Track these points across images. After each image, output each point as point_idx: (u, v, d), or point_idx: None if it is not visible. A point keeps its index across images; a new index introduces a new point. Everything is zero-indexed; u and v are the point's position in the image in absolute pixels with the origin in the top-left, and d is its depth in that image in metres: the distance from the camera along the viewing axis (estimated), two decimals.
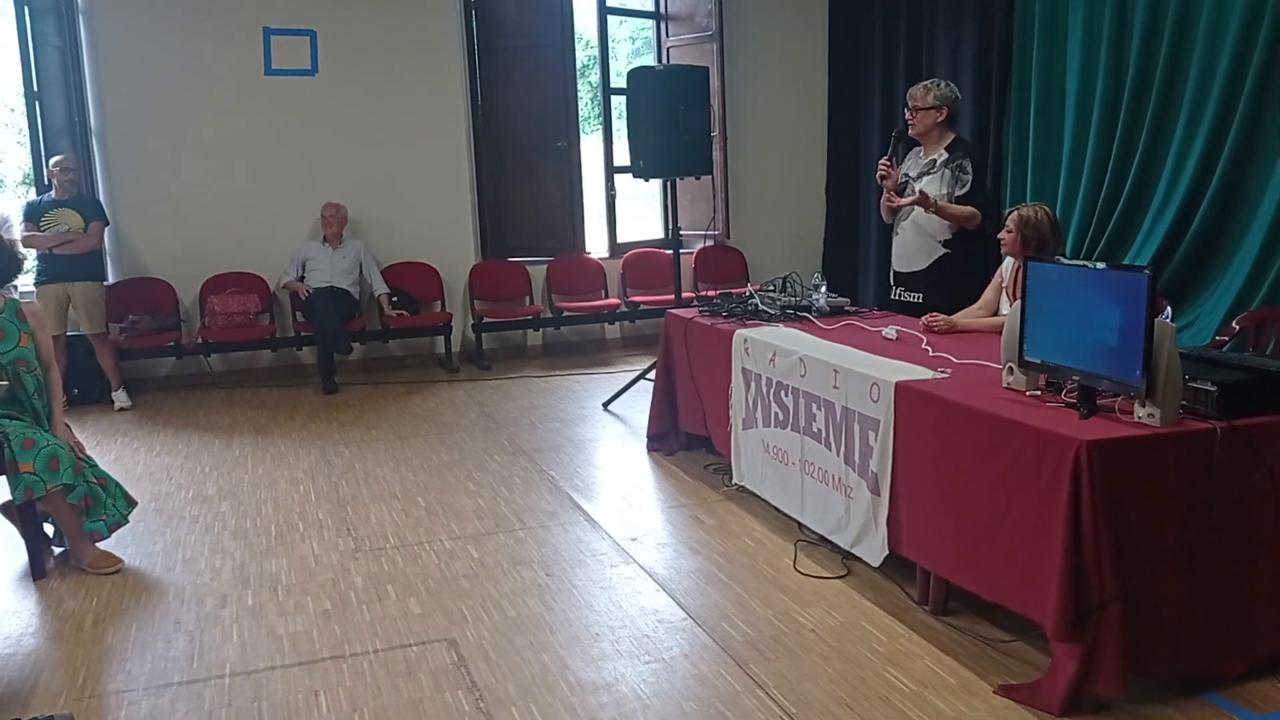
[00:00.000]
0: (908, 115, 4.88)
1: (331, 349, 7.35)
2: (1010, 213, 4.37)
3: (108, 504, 4.22)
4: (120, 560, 4.19)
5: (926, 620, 3.42)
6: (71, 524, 4.15)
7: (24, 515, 4.11)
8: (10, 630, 3.63)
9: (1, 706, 3.09)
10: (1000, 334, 4.21)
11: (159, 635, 3.55)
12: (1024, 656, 3.14)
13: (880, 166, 4.93)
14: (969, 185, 4.72)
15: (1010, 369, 3.32)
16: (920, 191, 4.74)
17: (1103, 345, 2.93)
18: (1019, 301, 3.33)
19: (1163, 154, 5.83)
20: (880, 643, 3.29)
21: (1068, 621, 2.75)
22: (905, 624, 3.40)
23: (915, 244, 4.89)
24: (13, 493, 4.00)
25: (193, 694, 3.14)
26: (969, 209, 4.70)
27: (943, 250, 4.82)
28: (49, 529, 4.34)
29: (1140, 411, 2.87)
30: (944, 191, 4.74)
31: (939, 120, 4.82)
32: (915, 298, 4.94)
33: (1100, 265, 3.02)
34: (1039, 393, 3.25)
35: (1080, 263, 3.27)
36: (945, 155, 4.81)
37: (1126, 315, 2.84)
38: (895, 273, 5.05)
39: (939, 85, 4.85)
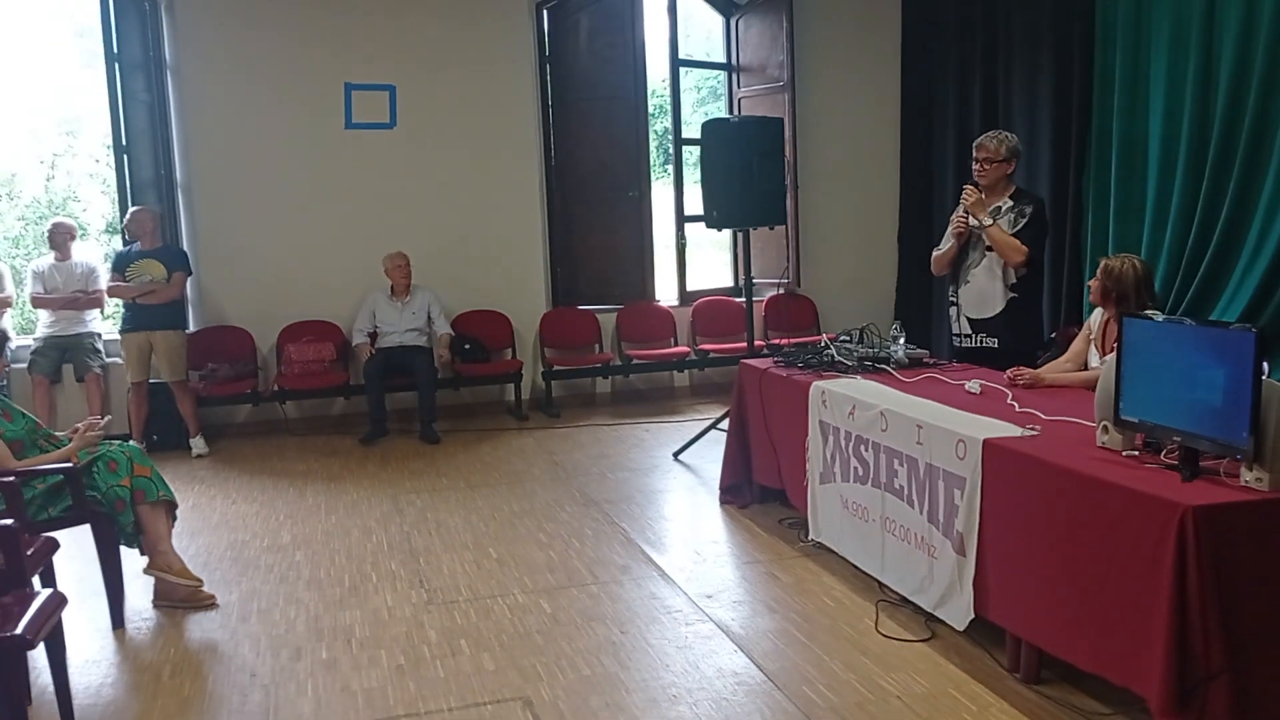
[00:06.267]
0: (976, 167, 4.94)
1: (379, 417, 7.41)
2: (1101, 261, 4.27)
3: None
4: (213, 596, 4.35)
5: (1018, 689, 3.28)
6: (166, 536, 4.29)
7: (106, 561, 4.16)
8: (90, 681, 3.65)
9: None
10: (1088, 389, 4.13)
11: (234, 689, 3.55)
12: None
13: (957, 222, 4.98)
14: (1022, 225, 4.80)
15: (1105, 428, 3.21)
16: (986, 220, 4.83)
17: (1206, 405, 2.81)
18: (1112, 357, 3.22)
19: (1253, 202, 5.62)
20: (970, 712, 3.16)
21: (1174, 697, 2.61)
22: (995, 692, 3.27)
23: (988, 290, 4.93)
24: (105, 495, 4.09)
25: None
26: (1015, 241, 4.78)
27: (1011, 294, 4.88)
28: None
29: (1247, 475, 2.74)
30: (1009, 232, 4.83)
31: (1009, 172, 4.91)
32: (992, 343, 4.96)
33: (1192, 322, 2.90)
34: (1136, 453, 3.13)
35: (1178, 319, 3.16)
36: (1010, 203, 4.88)
37: (1231, 375, 2.73)
38: (969, 320, 5.05)
39: (1009, 137, 4.95)
